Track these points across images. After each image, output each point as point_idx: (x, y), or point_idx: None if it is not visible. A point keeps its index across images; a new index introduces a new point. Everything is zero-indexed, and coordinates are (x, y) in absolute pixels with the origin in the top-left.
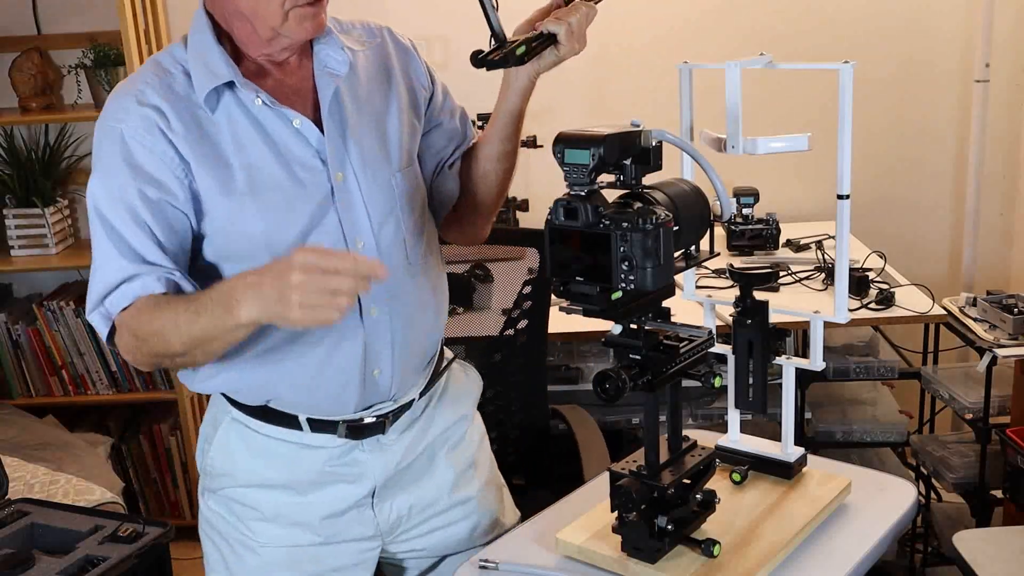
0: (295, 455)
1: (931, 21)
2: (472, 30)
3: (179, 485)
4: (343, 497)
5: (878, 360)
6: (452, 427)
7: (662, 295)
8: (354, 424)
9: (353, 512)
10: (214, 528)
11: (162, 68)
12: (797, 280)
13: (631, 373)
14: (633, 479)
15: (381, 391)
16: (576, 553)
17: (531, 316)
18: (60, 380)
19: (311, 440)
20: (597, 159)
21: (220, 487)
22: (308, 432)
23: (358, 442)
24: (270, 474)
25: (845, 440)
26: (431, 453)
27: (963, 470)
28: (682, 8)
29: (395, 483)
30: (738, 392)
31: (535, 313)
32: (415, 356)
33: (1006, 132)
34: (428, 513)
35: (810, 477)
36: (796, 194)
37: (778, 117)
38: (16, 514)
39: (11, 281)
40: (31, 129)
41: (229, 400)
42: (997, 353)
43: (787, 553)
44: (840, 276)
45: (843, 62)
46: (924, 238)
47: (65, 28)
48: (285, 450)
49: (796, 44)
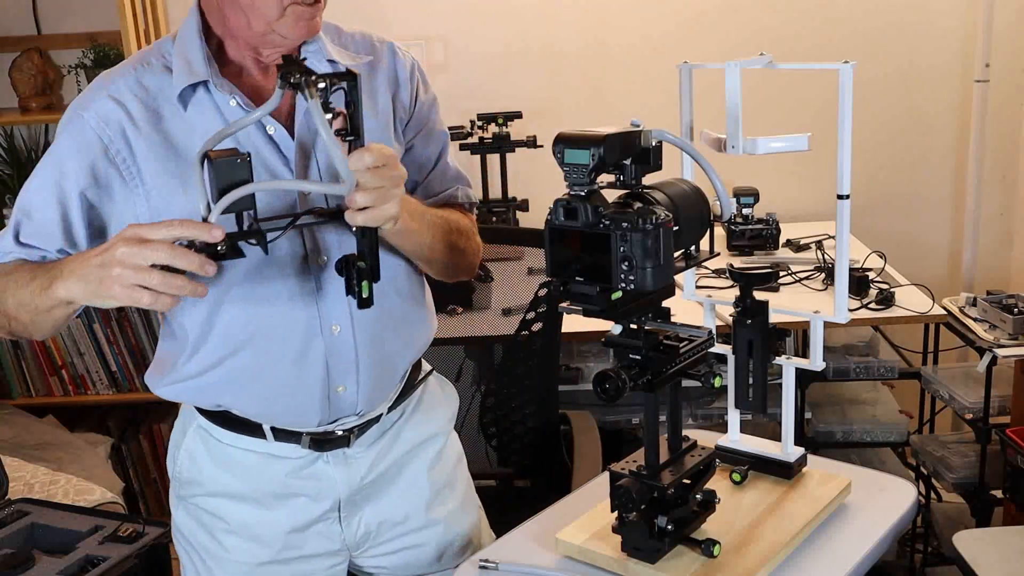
0: (258, 465)
1: (931, 21)
2: (472, 30)
3: None
4: (307, 511)
5: (878, 360)
6: (425, 443)
7: (662, 295)
8: (318, 437)
9: (319, 526)
10: (185, 538)
11: (143, 61)
12: (797, 280)
13: (631, 373)
14: (633, 479)
15: (345, 407)
16: (576, 553)
17: (546, 319)
18: (60, 380)
19: (275, 449)
20: (597, 159)
21: (189, 495)
22: (272, 441)
23: (322, 454)
24: (235, 484)
25: (845, 440)
26: (399, 467)
27: (963, 470)
28: (682, 8)
29: (363, 497)
30: (738, 392)
31: (550, 315)
32: (385, 374)
33: (1006, 132)
34: (399, 531)
35: (810, 477)
36: (796, 194)
37: (778, 117)
38: (16, 514)
39: None
40: (31, 129)
41: (197, 409)
42: (997, 353)
43: (787, 553)
44: (840, 276)
45: (843, 62)
46: (924, 238)
47: (65, 28)
48: (248, 460)
49: (796, 44)
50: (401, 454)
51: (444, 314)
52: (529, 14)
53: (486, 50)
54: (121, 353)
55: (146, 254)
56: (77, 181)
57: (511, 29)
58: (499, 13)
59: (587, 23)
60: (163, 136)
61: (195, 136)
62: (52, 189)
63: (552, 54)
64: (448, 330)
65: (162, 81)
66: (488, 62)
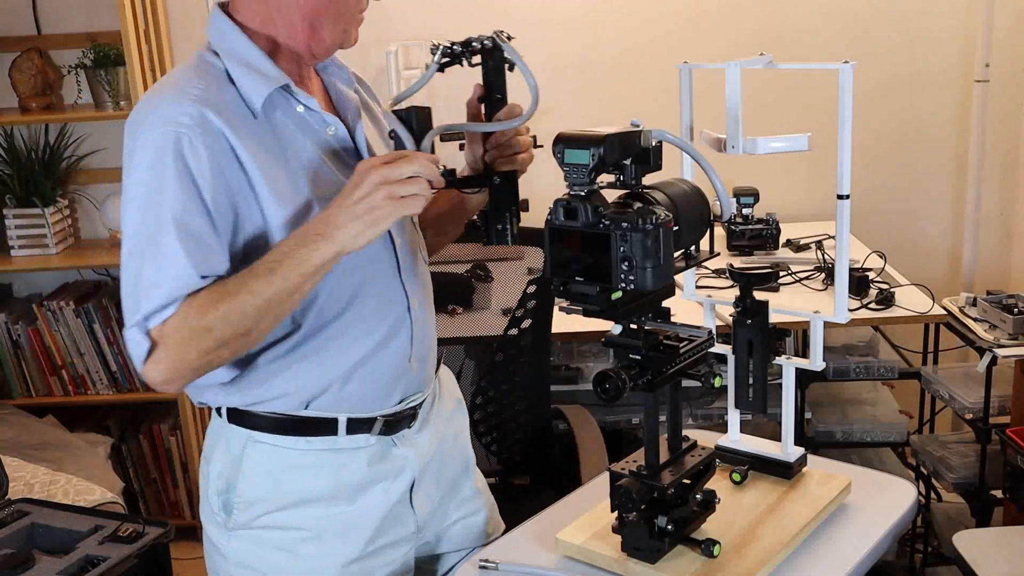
0: (335, 461)
1: (931, 22)
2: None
3: (179, 485)
4: (387, 496)
5: (878, 360)
6: (454, 415)
7: (662, 295)
8: (390, 418)
9: (397, 509)
10: (248, 567)
11: (205, 73)
12: (797, 280)
13: (631, 373)
14: (633, 479)
15: (413, 382)
16: (576, 553)
17: (535, 315)
18: (60, 380)
19: (346, 443)
20: (597, 159)
21: (253, 518)
22: (343, 436)
23: (390, 438)
24: (314, 487)
25: (845, 440)
26: (445, 440)
27: (963, 470)
28: (682, 8)
29: (426, 474)
30: (738, 392)
31: (539, 312)
32: (434, 344)
33: (1006, 132)
34: (455, 503)
35: (810, 477)
36: (796, 194)
37: (778, 117)
38: (16, 514)
39: (11, 281)
40: (31, 129)
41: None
42: (997, 353)
43: (787, 553)
44: (840, 276)
45: (843, 62)
46: (924, 238)
47: (65, 28)
48: (324, 459)
49: (796, 44)
50: (444, 427)
51: (444, 314)
52: (529, 14)
53: None
54: (121, 353)
55: (403, 168)
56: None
57: (511, 29)
58: (499, 13)
59: (587, 23)
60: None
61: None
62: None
63: (552, 54)
64: (448, 330)
65: (226, 94)
66: None
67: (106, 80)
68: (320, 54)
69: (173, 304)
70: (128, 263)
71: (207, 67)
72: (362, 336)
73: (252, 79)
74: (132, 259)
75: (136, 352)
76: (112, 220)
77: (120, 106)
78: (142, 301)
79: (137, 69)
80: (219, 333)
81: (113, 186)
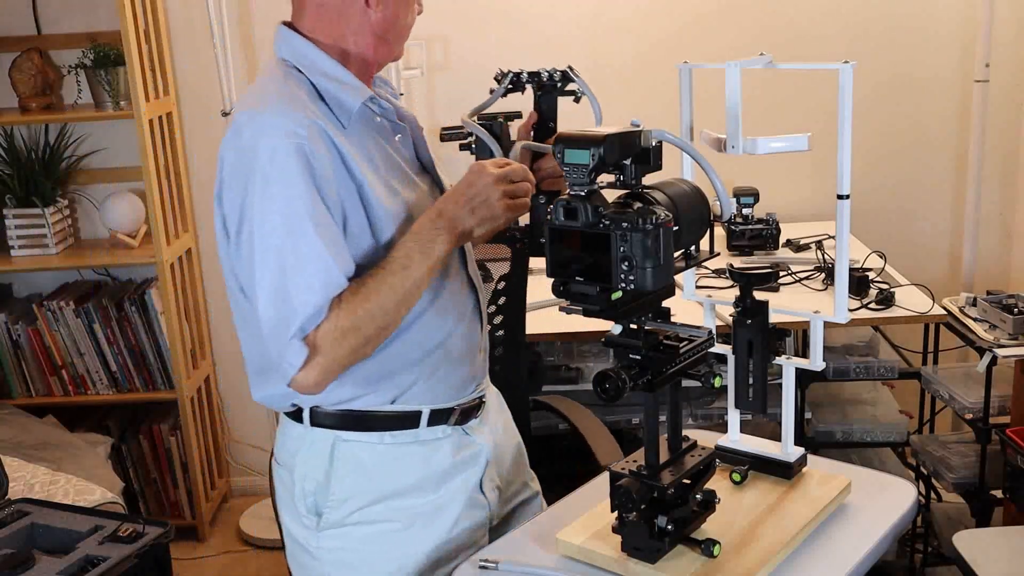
0: (422, 453)
1: (931, 21)
2: (472, 30)
3: (179, 485)
4: (467, 482)
5: (878, 360)
6: (501, 406)
7: (662, 295)
8: (465, 407)
9: (474, 494)
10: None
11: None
12: (797, 280)
13: (631, 373)
14: (633, 479)
15: (479, 371)
16: (576, 553)
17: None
18: (60, 380)
19: (427, 435)
20: (597, 159)
21: (346, 515)
22: (425, 428)
23: (463, 428)
24: (404, 479)
25: (845, 440)
26: (498, 429)
27: (963, 470)
28: (682, 8)
29: (492, 460)
30: (738, 392)
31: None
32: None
33: (1006, 132)
34: (515, 487)
35: (810, 477)
36: (796, 194)
37: (778, 117)
38: (16, 514)
39: (11, 281)
40: (31, 129)
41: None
42: (997, 353)
43: (787, 553)
44: (840, 276)
45: (843, 62)
46: (924, 238)
47: (65, 28)
48: (411, 451)
49: (796, 44)
50: (496, 417)
51: None
52: (529, 15)
53: (486, 50)
54: (121, 353)
55: (515, 175)
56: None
57: (511, 29)
58: (499, 13)
59: (586, 23)
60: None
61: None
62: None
63: (552, 54)
64: None
65: (319, 107)
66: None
67: (106, 80)
68: (383, 64)
69: (324, 308)
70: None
71: (297, 81)
72: (443, 328)
73: (344, 92)
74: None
75: (294, 361)
76: (112, 220)
77: (120, 106)
78: (297, 309)
79: (137, 69)
80: (366, 331)
81: (113, 186)
